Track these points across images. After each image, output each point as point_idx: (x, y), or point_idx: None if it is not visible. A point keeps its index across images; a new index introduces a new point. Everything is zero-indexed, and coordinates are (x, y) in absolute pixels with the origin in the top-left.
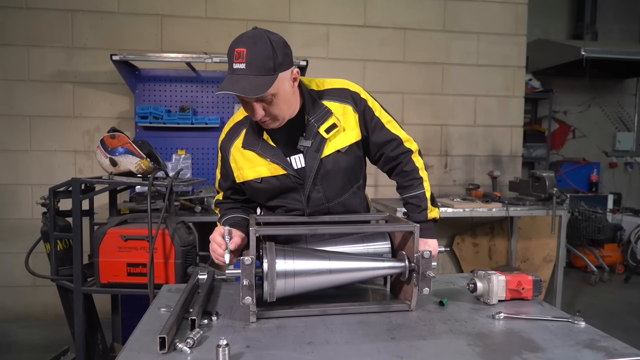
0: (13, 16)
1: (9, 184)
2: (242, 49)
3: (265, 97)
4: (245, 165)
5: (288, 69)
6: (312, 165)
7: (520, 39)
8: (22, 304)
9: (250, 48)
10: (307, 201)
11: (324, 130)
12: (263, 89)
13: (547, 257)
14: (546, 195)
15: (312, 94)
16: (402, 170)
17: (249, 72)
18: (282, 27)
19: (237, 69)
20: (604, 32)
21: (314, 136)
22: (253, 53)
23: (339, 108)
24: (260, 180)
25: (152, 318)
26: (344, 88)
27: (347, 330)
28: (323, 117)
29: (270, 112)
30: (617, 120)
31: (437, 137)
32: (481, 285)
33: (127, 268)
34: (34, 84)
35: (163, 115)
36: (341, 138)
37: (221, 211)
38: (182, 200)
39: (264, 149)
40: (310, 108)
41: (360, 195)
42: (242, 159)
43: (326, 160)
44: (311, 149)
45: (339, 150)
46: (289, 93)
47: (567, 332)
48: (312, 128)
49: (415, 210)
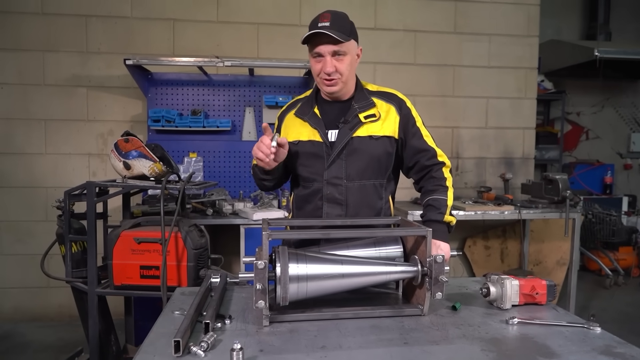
0: (29, 22)
1: (25, 187)
2: (327, 14)
3: (339, 51)
4: (291, 130)
5: (357, 42)
6: (342, 139)
7: (532, 40)
8: (37, 305)
9: (333, 14)
10: (328, 170)
11: (363, 116)
12: (343, 39)
13: (561, 260)
14: (559, 198)
15: (365, 90)
16: (431, 176)
17: (332, 28)
18: (292, 30)
19: (322, 26)
20: (618, 32)
21: (353, 118)
22: (335, 17)
23: (383, 105)
24: (297, 142)
25: (166, 321)
26: (393, 93)
27: (360, 335)
28: (366, 107)
29: (339, 69)
30: (632, 121)
31: (448, 139)
32: (494, 289)
33: (140, 270)
34: (49, 88)
35: (175, 118)
36: (376, 126)
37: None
38: (194, 202)
39: (311, 117)
40: (358, 97)
41: (382, 194)
42: (291, 124)
43: (356, 139)
44: (346, 127)
45: (371, 136)
46: (354, 61)
47: (582, 338)
48: (353, 111)
49: (434, 211)
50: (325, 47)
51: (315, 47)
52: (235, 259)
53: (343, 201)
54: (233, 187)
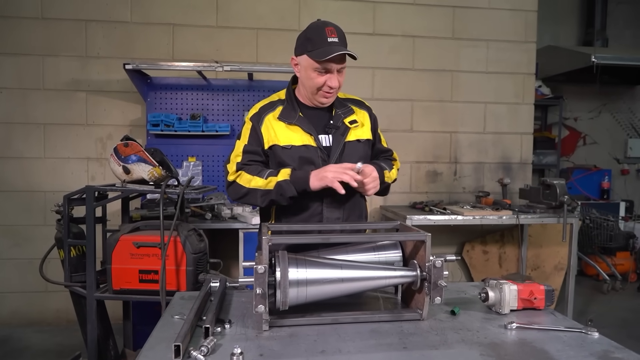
0: (29, 26)
1: (24, 191)
2: (332, 27)
3: (344, 66)
4: (278, 132)
5: None
6: (338, 145)
7: (530, 45)
8: (35, 310)
9: (337, 28)
10: None
11: (347, 122)
12: (355, 56)
13: (559, 265)
14: (557, 203)
15: (338, 98)
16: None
17: (341, 44)
18: (291, 36)
19: (333, 42)
20: (615, 38)
21: (341, 124)
22: (340, 32)
23: (359, 112)
24: (290, 147)
25: (166, 325)
26: (361, 100)
27: (359, 339)
28: (347, 113)
29: (340, 83)
30: (629, 127)
31: (446, 144)
32: (493, 294)
33: (139, 275)
34: (49, 92)
35: (174, 122)
36: (360, 131)
37: (252, 170)
38: (193, 207)
39: (301, 122)
40: (337, 104)
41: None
42: (276, 127)
43: (348, 144)
44: (338, 132)
45: (359, 140)
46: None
47: (580, 343)
48: (339, 117)
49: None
50: (337, 65)
51: (326, 63)
52: (234, 263)
53: (342, 204)
54: None
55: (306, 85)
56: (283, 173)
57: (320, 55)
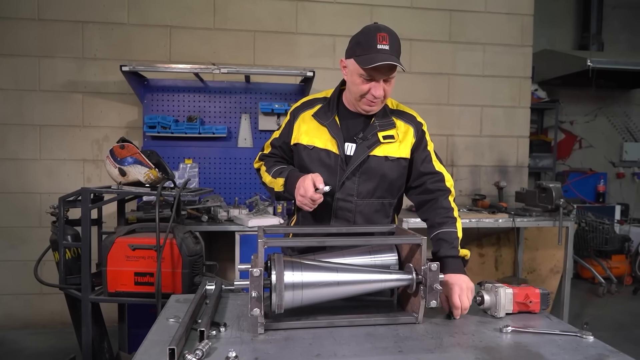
0: (25, 27)
1: (19, 192)
2: (385, 33)
3: (392, 75)
4: (306, 131)
5: None
6: (359, 156)
7: (526, 49)
8: (29, 312)
9: (390, 34)
10: (340, 186)
11: (382, 135)
12: (403, 68)
13: (554, 268)
14: (553, 206)
15: (386, 108)
16: (439, 206)
17: (392, 53)
18: (289, 38)
19: (382, 49)
20: (610, 43)
21: (372, 135)
22: (393, 39)
23: (402, 126)
24: (312, 147)
25: (161, 328)
26: (413, 114)
27: (354, 343)
28: (386, 126)
29: (386, 92)
30: (624, 131)
31: (443, 147)
32: (488, 298)
33: (135, 277)
34: (45, 93)
35: (171, 124)
36: (393, 148)
37: (268, 163)
38: (189, 209)
39: (331, 125)
40: (380, 115)
41: (389, 213)
42: (306, 126)
43: (372, 158)
44: (364, 144)
45: (387, 157)
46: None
47: (575, 347)
48: (373, 129)
49: (447, 245)
50: (383, 75)
51: (372, 71)
52: (230, 265)
53: (351, 218)
54: (228, 194)
55: (351, 90)
56: (277, 184)
57: (365, 62)
